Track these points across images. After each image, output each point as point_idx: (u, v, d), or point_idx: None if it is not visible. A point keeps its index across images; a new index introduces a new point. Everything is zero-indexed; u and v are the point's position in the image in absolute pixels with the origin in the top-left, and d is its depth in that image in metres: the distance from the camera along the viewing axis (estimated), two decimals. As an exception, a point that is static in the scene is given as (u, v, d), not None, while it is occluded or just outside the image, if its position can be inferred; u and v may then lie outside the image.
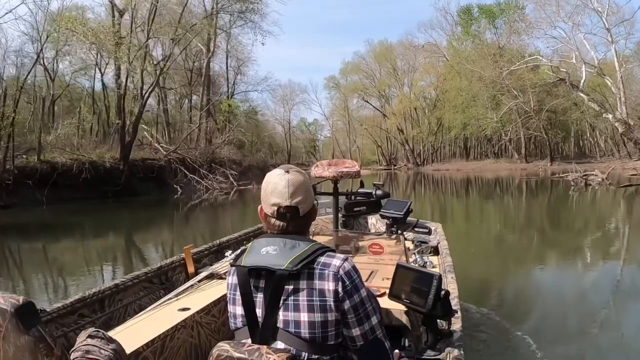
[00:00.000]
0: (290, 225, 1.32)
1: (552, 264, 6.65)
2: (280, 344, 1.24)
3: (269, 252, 1.27)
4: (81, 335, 1.26)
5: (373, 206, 3.32)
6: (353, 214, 3.51)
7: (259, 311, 1.27)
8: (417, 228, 3.35)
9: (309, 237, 1.37)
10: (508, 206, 15.21)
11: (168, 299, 2.25)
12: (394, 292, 1.79)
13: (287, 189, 1.31)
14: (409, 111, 50.11)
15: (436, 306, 1.64)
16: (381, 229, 3.79)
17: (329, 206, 3.42)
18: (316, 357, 1.24)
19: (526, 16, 39.62)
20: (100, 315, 2.21)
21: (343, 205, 3.30)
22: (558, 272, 6.23)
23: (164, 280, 2.72)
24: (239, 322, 1.31)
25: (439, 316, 1.71)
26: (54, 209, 14.88)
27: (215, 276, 2.63)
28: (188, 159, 22.57)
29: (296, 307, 1.23)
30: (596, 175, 19.76)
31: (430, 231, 3.39)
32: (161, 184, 20.80)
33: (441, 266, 2.76)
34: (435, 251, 3.13)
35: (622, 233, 9.18)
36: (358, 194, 3.38)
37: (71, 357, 1.22)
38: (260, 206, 1.37)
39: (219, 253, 3.22)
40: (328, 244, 1.37)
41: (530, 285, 5.62)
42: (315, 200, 1.41)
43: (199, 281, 2.55)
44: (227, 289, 1.35)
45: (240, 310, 1.30)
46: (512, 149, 44.36)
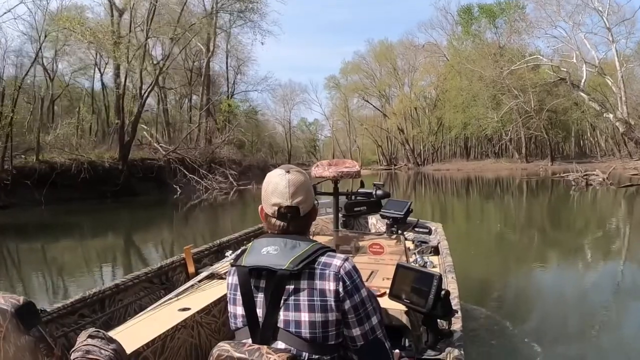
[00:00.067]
0: (290, 225, 1.32)
1: (553, 264, 6.64)
2: (280, 344, 1.24)
3: (270, 252, 1.27)
4: (81, 335, 1.26)
5: (373, 206, 3.32)
6: (353, 214, 3.51)
7: (260, 311, 1.27)
8: (418, 228, 3.35)
9: (310, 237, 1.37)
10: (508, 206, 15.21)
11: (168, 299, 2.25)
12: (394, 292, 1.79)
13: (288, 189, 1.31)
14: (409, 111, 50.07)
15: (436, 306, 1.64)
16: (381, 229, 3.79)
17: (329, 206, 3.42)
18: (317, 357, 1.24)
19: (526, 16, 39.79)
20: (100, 315, 2.21)
21: (343, 205, 3.29)
22: (559, 272, 6.24)
23: (165, 280, 2.72)
24: (240, 322, 1.31)
25: (439, 316, 1.71)
26: (53, 209, 14.84)
27: (215, 276, 2.63)
28: (188, 159, 22.52)
29: (297, 307, 1.23)
30: (597, 175, 19.73)
31: (430, 231, 3.39)
32: (160, 184, 20.75)
33: (441, 266, 2.76)
34: (435, 251, 3.14)
35: (623, 233, 9.18)
36: (358, 194, 3.38)
37: (71, 357, 1.22)
38: (260, 206, 1.37)
39: (219, 253, 3.22)
40: (328, 244, 1.37)
41: (530, 285, 5.61)
42: (315, 200, 1.41)
43: (199, 281, 2.55)
44: (228, 289, 1.35)
45: (240, 310, 1.30)
46: (513, 149, 44.34)
